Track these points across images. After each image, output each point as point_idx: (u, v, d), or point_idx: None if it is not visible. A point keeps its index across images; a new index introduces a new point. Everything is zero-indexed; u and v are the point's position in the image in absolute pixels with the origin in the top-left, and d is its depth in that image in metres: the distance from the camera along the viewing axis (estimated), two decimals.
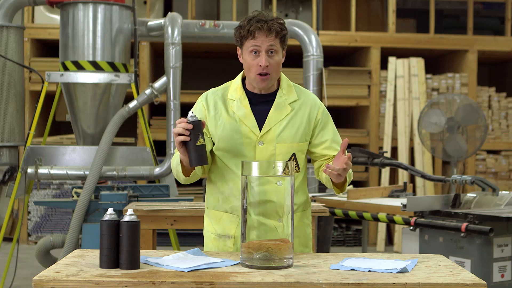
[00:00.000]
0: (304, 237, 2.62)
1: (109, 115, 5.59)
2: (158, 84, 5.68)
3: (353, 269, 2.12)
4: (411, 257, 2.35)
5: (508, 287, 4.08)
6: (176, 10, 8.77)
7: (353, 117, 9.27)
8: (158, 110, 8.55)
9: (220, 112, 2.55)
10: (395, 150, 8.47)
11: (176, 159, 2.50)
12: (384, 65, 8.62)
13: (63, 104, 6.02)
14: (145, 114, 6.36)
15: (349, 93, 8.53)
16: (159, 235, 6.84)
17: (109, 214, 2.13)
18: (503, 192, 4.43)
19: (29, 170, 5.38)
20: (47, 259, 5.54)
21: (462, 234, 3.98)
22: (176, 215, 4.20)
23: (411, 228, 4.31)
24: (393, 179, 8.46)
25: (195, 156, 2.32)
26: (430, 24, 8.77)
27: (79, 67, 5.49)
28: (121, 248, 2.10)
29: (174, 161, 2.53)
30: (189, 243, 7.59)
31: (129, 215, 2.12)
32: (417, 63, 8.41)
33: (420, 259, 2.32)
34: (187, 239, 7.70)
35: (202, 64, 9.70)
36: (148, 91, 5.66)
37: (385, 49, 8.60)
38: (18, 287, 5.73)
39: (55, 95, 5.95)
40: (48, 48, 8.80)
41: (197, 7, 8.76)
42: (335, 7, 9.44)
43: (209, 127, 2.54)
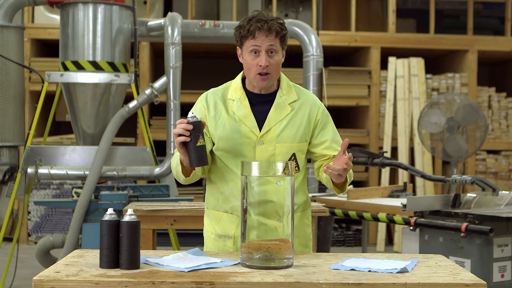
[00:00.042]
0: (304, 237, 2.62)
1: (109, 115, 5.59)
2: (158, 84, 5.68)
3: (353, 269, 2.12)
4: (411, 257, 2.35)
5: (508, 287, 4.08)
6: (176, 10, 8.77)
7: (353, 117, 9.27)
8: (158, 110, 8.55)
9: (220, 112, 2.55)
10: (395, 150, 8.47)
11: (176, 159, 2.49)
12: (384, 65, 8.62)
13: (63, 104, 6.02)
14: (145, 114, 6.36)
15: (349, 93, 8.53)
16: (159, 235, 6.84)
17: (109, 214, 2.13)
18: (503, 192, 4.43)
19: (29, 170, 5.38)
20: (47, 259, 5.54)
21: (462, 234, 3.98)
22: (176, 215, 4.19)
23: (411, 228, 4.31)
24: (393, 179, 8.46)
25: (195, 156, 2.32)
26: (430, 24, 8.77)
27: (79, 67, 5.49)
28: (121, 248, 2.10)
29: (174, 162, 2.52)
30: (189, 243, 7.59)
31: (129, 215, 2.12)
32: (417, 63, 8.41)
33: (420, 259, 2.32)
34: (187, 239, 7.70)
35: (202, 64, 9.69)
36: (148, 91, 5.66)
37: (385, 49, 8.60)
38: (18, 287, 5.73)
39: (55, 95, 5.95)
40: (48, 48, 8.80)
41: (197, 7, 8.76)
42: (335, 7, 9.44)
43: (209, 127, 2.54)
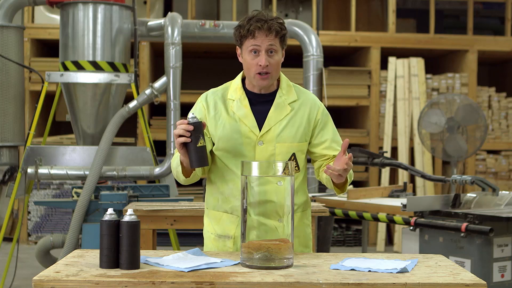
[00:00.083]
0: (304, 237, 2.62)
1: (109, 115, 5.59)
2: (158, 84, 5.68)
3: (353, 269, 2.12)
4: (411, 257, 2.35)
5: (508, 287, 4.08)
6: (176, 10, 8.77)
7: (353, 117, 9.27)
8: (158, 110, 8.55)
9: (220, 112, 2.55)
10: (395, 150, 8.47)
11: (176, 160, 2.49)
12: (384, 65, 8.62)
13: (63, 104, 6.02)
14: (145, 114, 6.36)
15: (349, 93, 8.53)
16: (159, 235, 6.83)
17: (109, 214, 2.13)
18: (503, 192, 4.43)
19: (29, 170, 5.38)
20: (47, 259, 5.54)
21: (462, 234, 3.98)
22: (176, 215, 4.19)
23: (411, 228, 4.31)
24: (393, 179, 8.46)
25: (196, 157, 2.32)
26: (430, 24, 8.77)
27: (79, 67, 5.49)
28: (121, 248, 2.10)
29: (174, 162, 2.52)
30: (189, 243, 7.59)
31: (129, 215, 2.12)
32: (417, 63, 8.41)
33: (420, 259, 2.32)
34: (187, 239, 7.70)
35: (202, 64, 9.69)
36: (148, 91, 5.66)
37: (385, 49, 8.60)
38: (18, 287, 5.73)
39: (55, 95, 5.95)
40: (48, 48, 8.80)
41: (197, 7, 8.76)
42: (335, 7, 9.44)
43: (209, 127, 2.54)
